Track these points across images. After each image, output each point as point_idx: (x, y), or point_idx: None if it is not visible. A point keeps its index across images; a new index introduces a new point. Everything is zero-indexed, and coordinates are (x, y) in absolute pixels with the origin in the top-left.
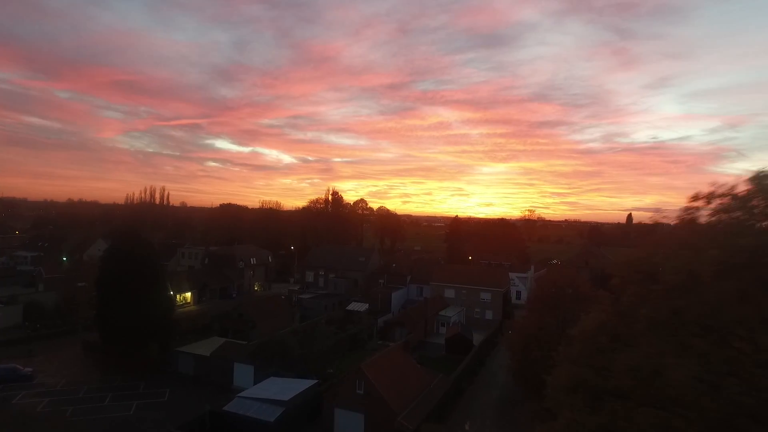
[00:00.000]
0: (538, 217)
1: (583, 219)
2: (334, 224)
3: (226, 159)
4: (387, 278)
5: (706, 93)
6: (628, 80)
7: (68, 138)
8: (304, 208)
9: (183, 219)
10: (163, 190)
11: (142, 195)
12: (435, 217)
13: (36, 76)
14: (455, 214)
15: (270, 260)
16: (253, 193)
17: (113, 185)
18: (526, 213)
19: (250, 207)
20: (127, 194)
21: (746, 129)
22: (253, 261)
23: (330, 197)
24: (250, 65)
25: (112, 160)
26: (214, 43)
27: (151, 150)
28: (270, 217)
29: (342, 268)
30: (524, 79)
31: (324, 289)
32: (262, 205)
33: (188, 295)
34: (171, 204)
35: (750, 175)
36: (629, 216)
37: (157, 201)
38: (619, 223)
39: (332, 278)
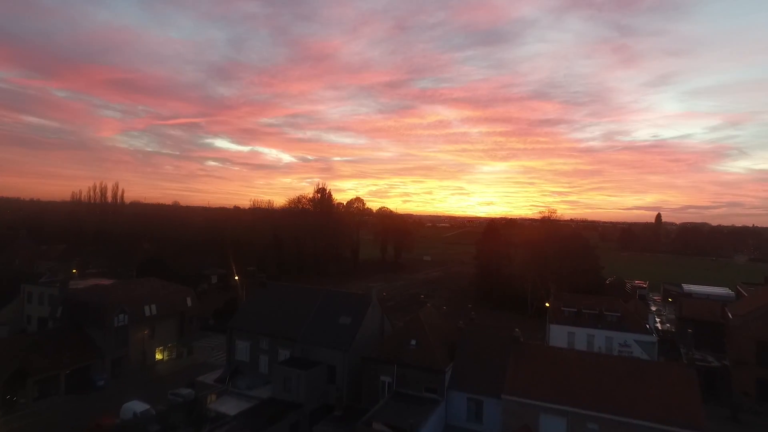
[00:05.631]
0: (552, 217)
1: (590, 218)
2: (323, 229)
3: (226, 158)
4: (398, 373)
5: (708, 91)
6: (629, 78)
7: (67, 137)
8: (283, 209)
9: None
10: (116, 188)
11: (91, 192)
12: (438, 216)
13: (33, 75)
14: (490, 216)
15: (189, 303)
16: (253, 193)
17: (113, 185)
18: (545, 212)
19: (195, 207)
20: (73, 192)
21: (748, 127)
22: (150, 310)
23: (317, 195)
24: (248, 63)
25: (112, 160)
26: (211, 41)
27: (150, 149)
28: (226, 223)
29: (304, 340)
30: (524, 77)
31: (268, 377)
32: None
33: None
34: (126, 203)
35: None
36: (658, 216)
37: (110, 200)
38: (647, 222)
39: (282, 364)
